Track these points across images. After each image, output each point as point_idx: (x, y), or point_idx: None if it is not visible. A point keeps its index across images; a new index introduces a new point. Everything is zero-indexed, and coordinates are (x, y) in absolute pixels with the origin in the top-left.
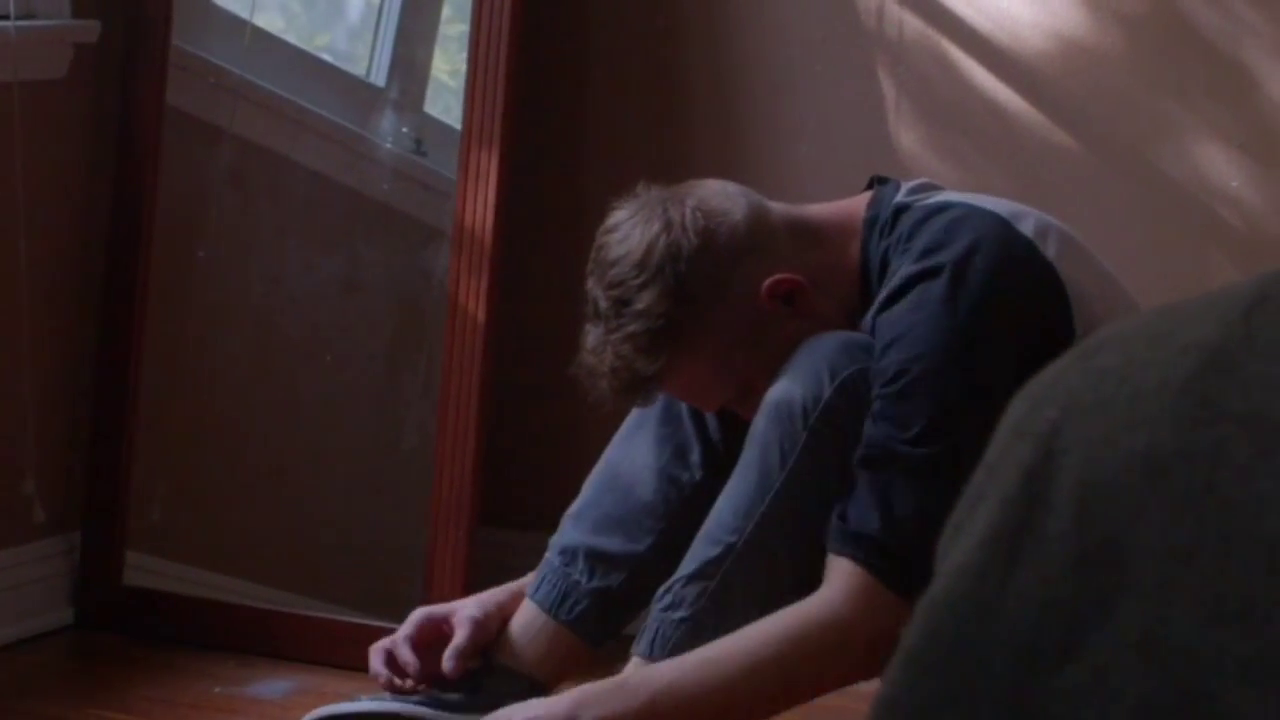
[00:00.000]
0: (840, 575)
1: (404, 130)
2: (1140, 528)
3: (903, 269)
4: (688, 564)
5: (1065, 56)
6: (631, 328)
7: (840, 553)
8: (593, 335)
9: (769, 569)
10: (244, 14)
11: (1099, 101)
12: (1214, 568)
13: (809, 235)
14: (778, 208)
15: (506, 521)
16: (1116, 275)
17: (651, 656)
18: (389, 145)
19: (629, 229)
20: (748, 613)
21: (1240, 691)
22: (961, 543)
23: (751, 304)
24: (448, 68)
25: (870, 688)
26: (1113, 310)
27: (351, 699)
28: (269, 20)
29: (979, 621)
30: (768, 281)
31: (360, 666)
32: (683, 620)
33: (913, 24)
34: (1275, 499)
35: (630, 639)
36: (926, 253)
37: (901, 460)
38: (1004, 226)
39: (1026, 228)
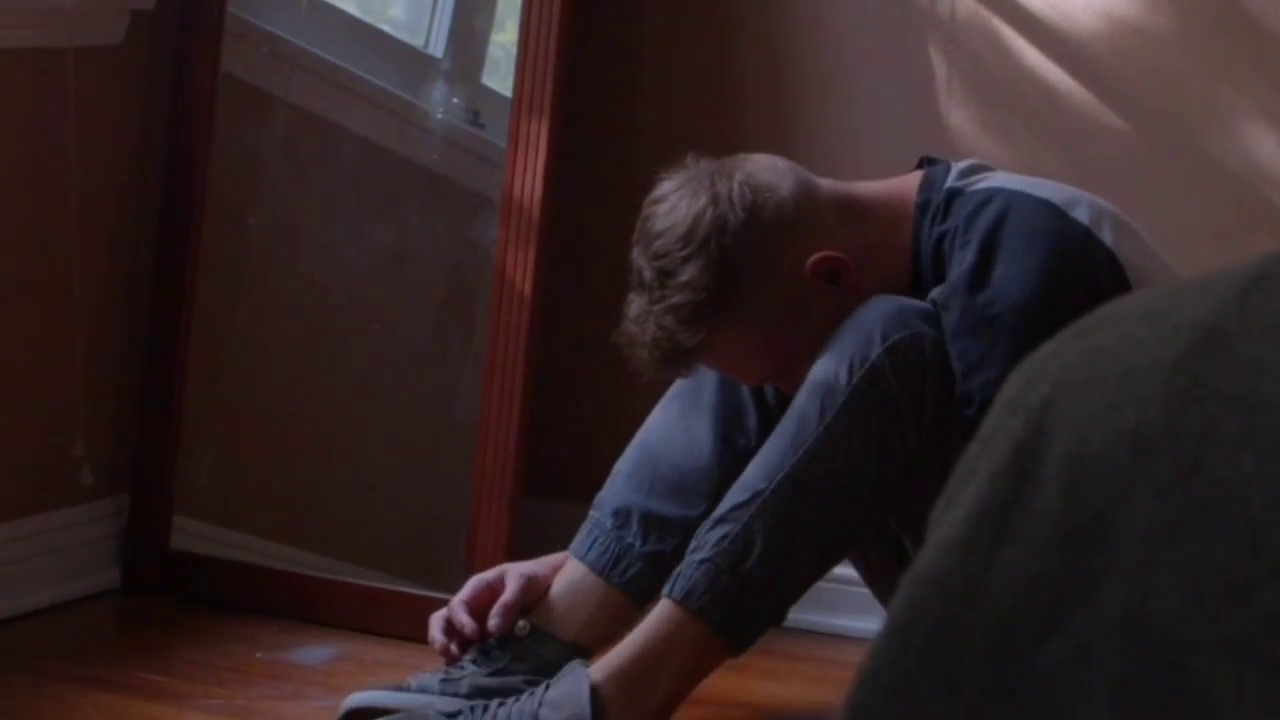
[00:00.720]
0: None
1: (455, 101)
2: (1127, 505)
3: (959, 268)
4: (718, 510)
5: (1116, 37)
6: (675, 299)
7: None
8: (635, 304)
9: (793, 520)
10: None
11: (1150, 83)
12: (1197, 547)
13: (858, 214)
14: (826, 184)
15: (550, 493)
16: (1166, 258)
17: (671, 596)
18: (441, 115)
19: (676, 200)
20: (765, 561)
21: (1219, 670)
22: (951, 516)
23: (796, 280)
24: (509, 40)
25: None
26: (1154, 279)
27: (398, 685)
28: None
29: (964, 596)
30: (813, 258)
31: (403, 635)
32: (702, 562)
33: (965, 3)
34: (1260, 479)
35: None
36: (983, 251)
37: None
38: (1059, 216)
39: (1081, 214)
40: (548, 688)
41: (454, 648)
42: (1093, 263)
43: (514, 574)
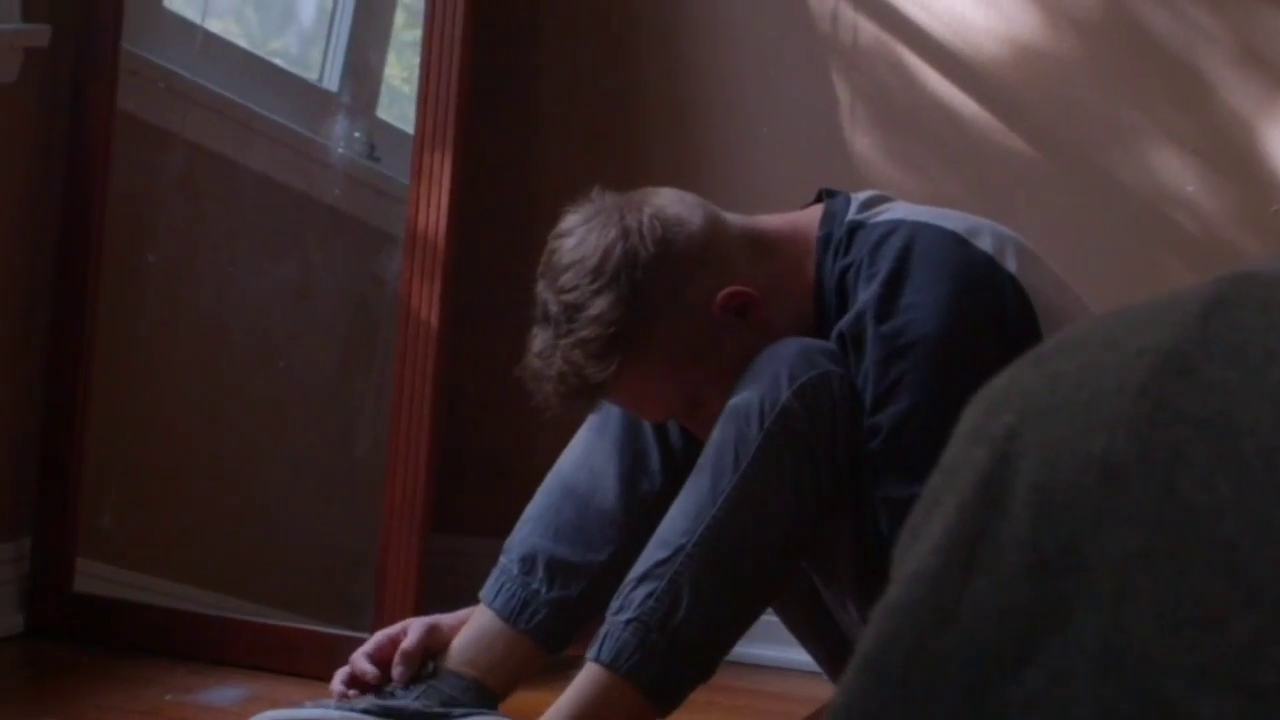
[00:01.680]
0: None
1: (356, 135)
2: (1098, 533)
3: (865, 299)
4: (638, 567)
5: (1020, 62)
6: (583, 334)
7: None
8: (540, 339)
9: (718, 572)
10: (196, 18)
11: (1054, 107)
12: (1172, 573)
13: (764, 248)
14: (733, 219)
15: (459, 528)
16: (1070, 283)
17: (599, 660)
18: (341, 150)
19: (584, 234)
20: (693, 616)
21: (1199, 698)
22: (918, 548)
23: (705, 315)
24: (402, 73)
25: None
26: (1074, 317)
27: (296, 705)
28: (222, 25)
29: (935, 628)
30: (722, 293)
31: (313, 674)
32: (629, 622)
33: (867, 29)
34: (1233, 504)
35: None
36: (888, 284)
37: None
38: (963, 246)
39: (984, 243)
40: None
41: (351, 693)
42: (998, 290)
43: (416, 624)
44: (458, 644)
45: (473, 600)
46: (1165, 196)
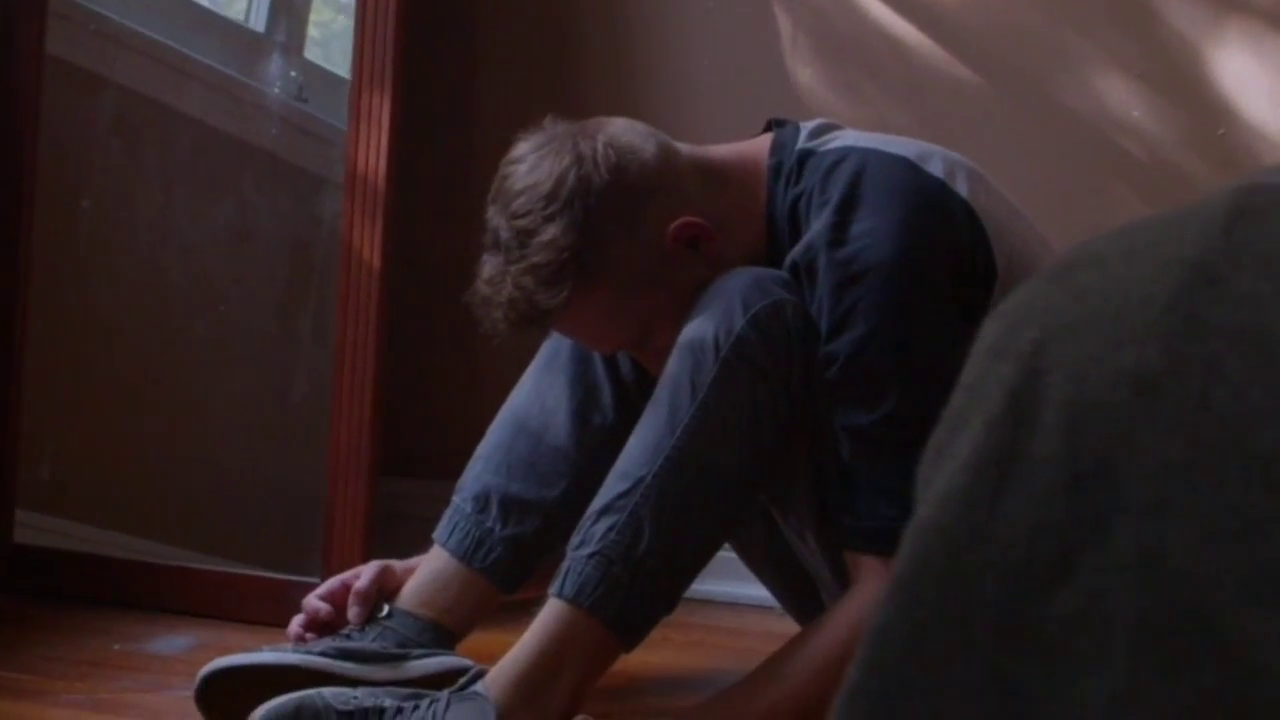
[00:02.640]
0: (874, 572)
1: (292, 75)
2: (1132, 447)
3: (817, 228)
4: (598, 501)
5: None
6: (535, 259)
7: (867, 550)
8: (490, 265)
9: (679, 503)
10: None
11: (998, 34)
12: (1210, 485)
13: (715, 179)
14: (684, 148)
15: (407, 471)
16: (1020, 208)
17: (562, 595)
18: (277, 91)
19: (537, 160)
20: (656, 547)
21: (1241, 610)
22: (946, 467)
23: (657, 245)
24: (327, 15)
25: None
26: (1026, 241)
27: (253, 651)
28: None
29: (969, 547)
30: (675, 224)
31: (262, 620)
32: (591, 555)
33: None
34: (1270, 414)
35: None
36: (840, 210)
37: (885, 440)
38: (914, 171)
39: (935, 168)
40: (448, 705)
41: (309, 636)
42: (950, 214)
43: (369, 567)
44: (412, 585)
45: (423, 544)
46: (1111, 121)
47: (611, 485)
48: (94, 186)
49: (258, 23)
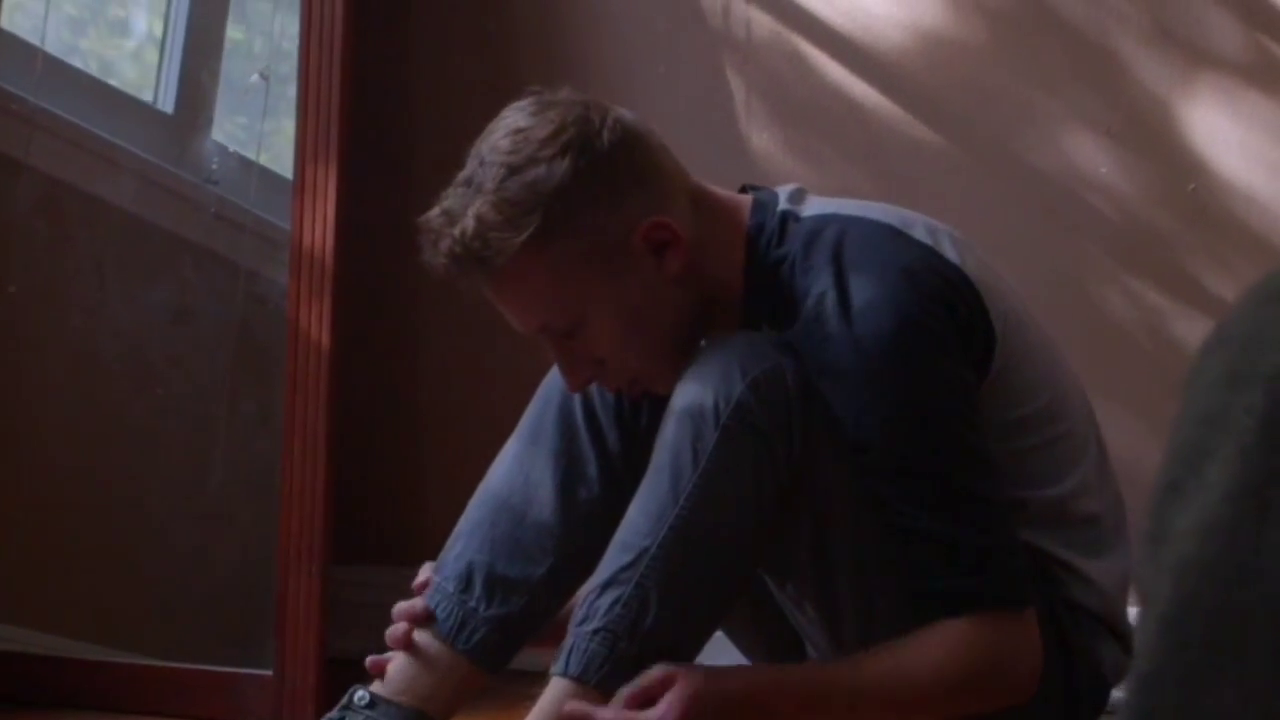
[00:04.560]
0: (950, 630)
1: (213, 164)
2: None
3: (813, 300)
4: (600, 574)
5: (924, 50)
6: (510, 194)
7: (944, 616)
8: (454, 196)
9: (685, 574)
10: (35, 40)
11: (961, 94)
12: None
13: (704, 210)
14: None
15: (358, 557)
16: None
17: (567, 674)
18: (190, 177)
19: (540, 108)
20: (662, 620)
21: None
22: (1197, 500)
23: (625, 235)
24: (237, 94)
25: None
26: (1015, 304)
27: None
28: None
29: (1239, 581)
30: (650, 220)
31: (214, 715)
32: (596, 631)
33: (761, 20)
34: None
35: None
36: (836, 283)
37: (934, 506)
38: (900, 237)
39: (920, 235)
40: None
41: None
42: (943, 279)
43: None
44: (392, 670)
45: (379, 631)
46: (1080, 179)
47: (614, 558)
48: (18, 271)
49: (166, 103)
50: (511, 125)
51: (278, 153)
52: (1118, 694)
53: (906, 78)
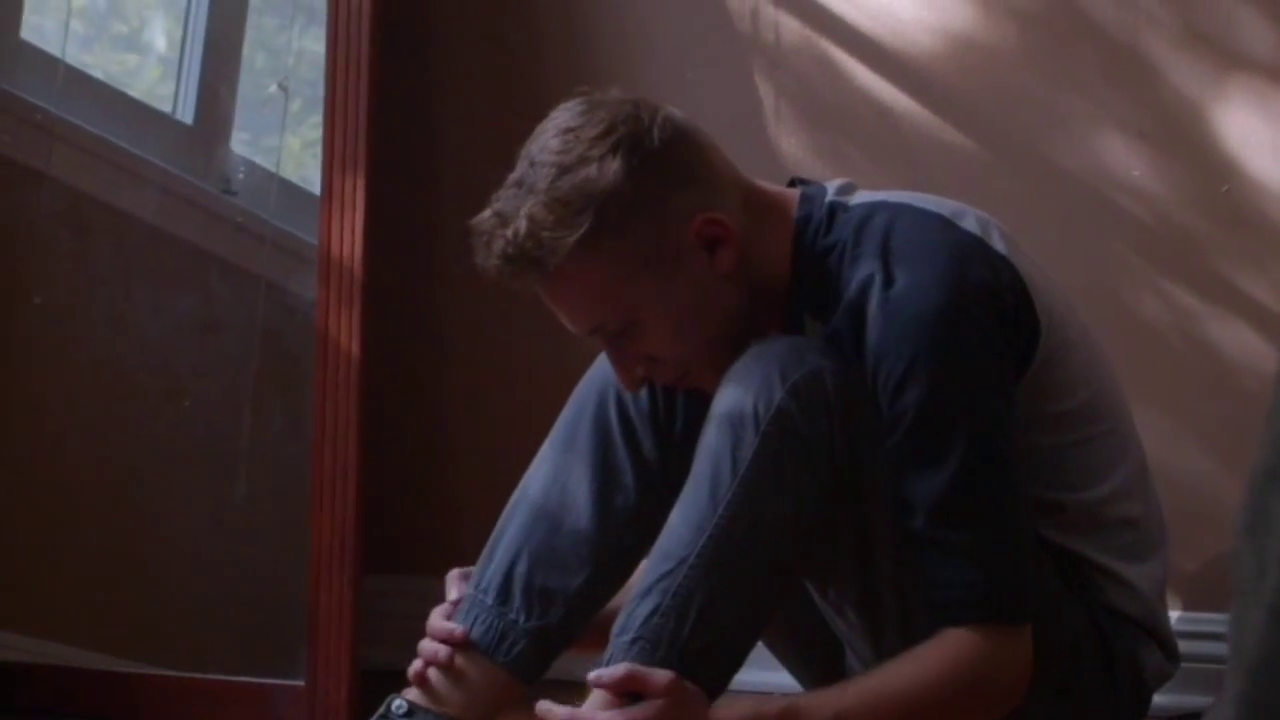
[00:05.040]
0: (962, 639)
1: (239, 174)
2: None
3: (858, 284)
4: (640, 583)
5: (953, 53)
6: (561, 193)
7: (960, 623)
8: (507, 197)
9: (725, 583)
10: (56, 52)
11: (992, 97)
12: None
13: (752, 205)
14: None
15: (388, 568)
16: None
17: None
18: (212, 189)
19: (589, 108)
20: (702, 629)
21: None
22: None
23: (678, 232)
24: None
25: None
26: (1060, 300)
27: None
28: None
29: None
30: (702, 217)
31: None
32: (634, 640)
33: (790, 25)
34: None
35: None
36: (883, 266)
37: (957, 503)
38: (949, 226)
39: (969, 225)
40: None
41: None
42: (992, 269)
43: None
44: (430, 679)
45: (411, 644)
46: (1111, 182)
47: (653, 566)
48: (43, 282)
49: (185, 115)
50: (562, 125)
51: (296, 164)
52: (1159, 699)
53: (936, 81)
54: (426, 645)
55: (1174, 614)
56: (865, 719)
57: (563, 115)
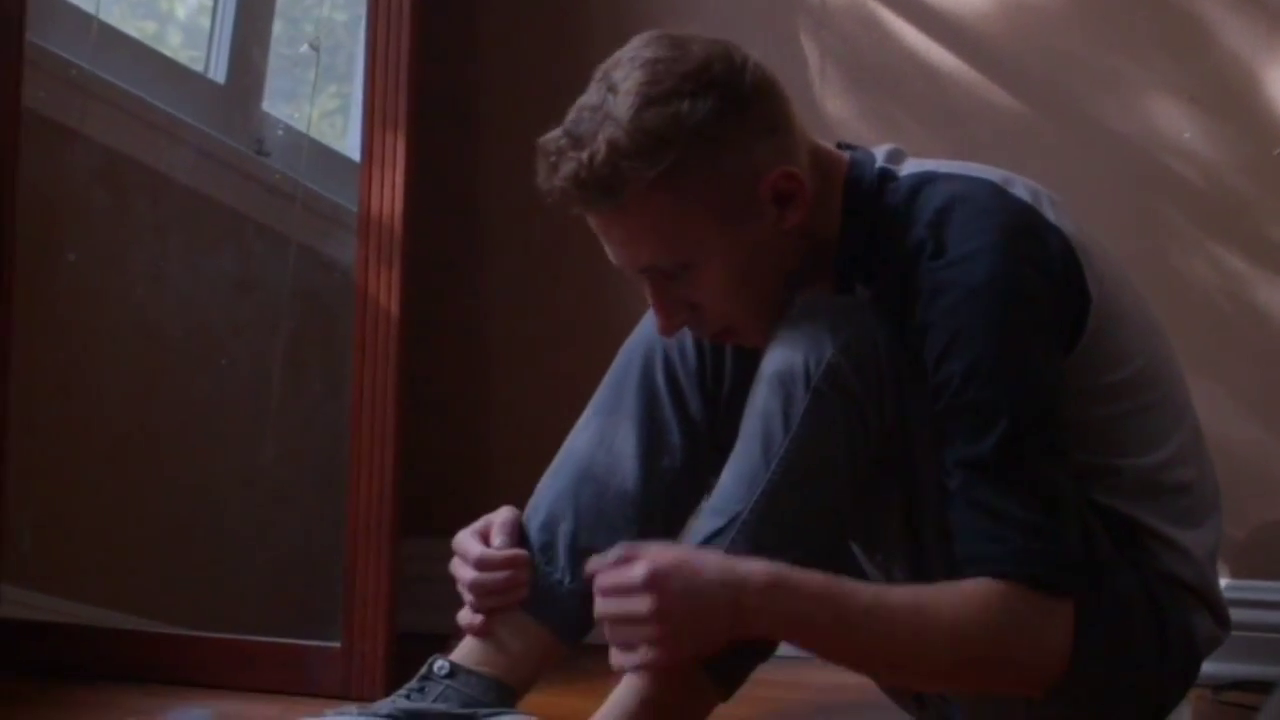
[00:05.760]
0: (987, 590)
1: (280, 132)
2: None
3: (911, 248)
4: (691, 539)
5: (1004, 14)
6: (649, 124)
7: (985, 574)
8: (580, 121)
9: (777, 539)
10: (90, 8)
11: (1041, 59)
12: None
13: (817, 162)
14: None
15: (423, 529)
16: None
17: None
18: (245, 148)
19: (679, 42)
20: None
21: None
22: None
23: (754, 182)
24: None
25: None
26: (1112, 268)
27: (317, 716)
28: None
29: None
30: (778, 171)
31: (280, 689)
32: None
33: None
34: None
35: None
36: (934, 233)
37: (999, 468)
38: (1001, 194)
39: (1020, 193)
40: None
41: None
42: (1043, 238)
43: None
44: (471, 640)
45: (448, 608)
46: (1162, 145)
47: (705, 523)
48: (78, 239)
49: (218, 73)
50: (650, 55)
51: (331, 122)
52: (1210, 666)
53: (985, 43)
54: (485, 579)
55: (1222, 581)
56: (884, 628)
57: (649, 47)
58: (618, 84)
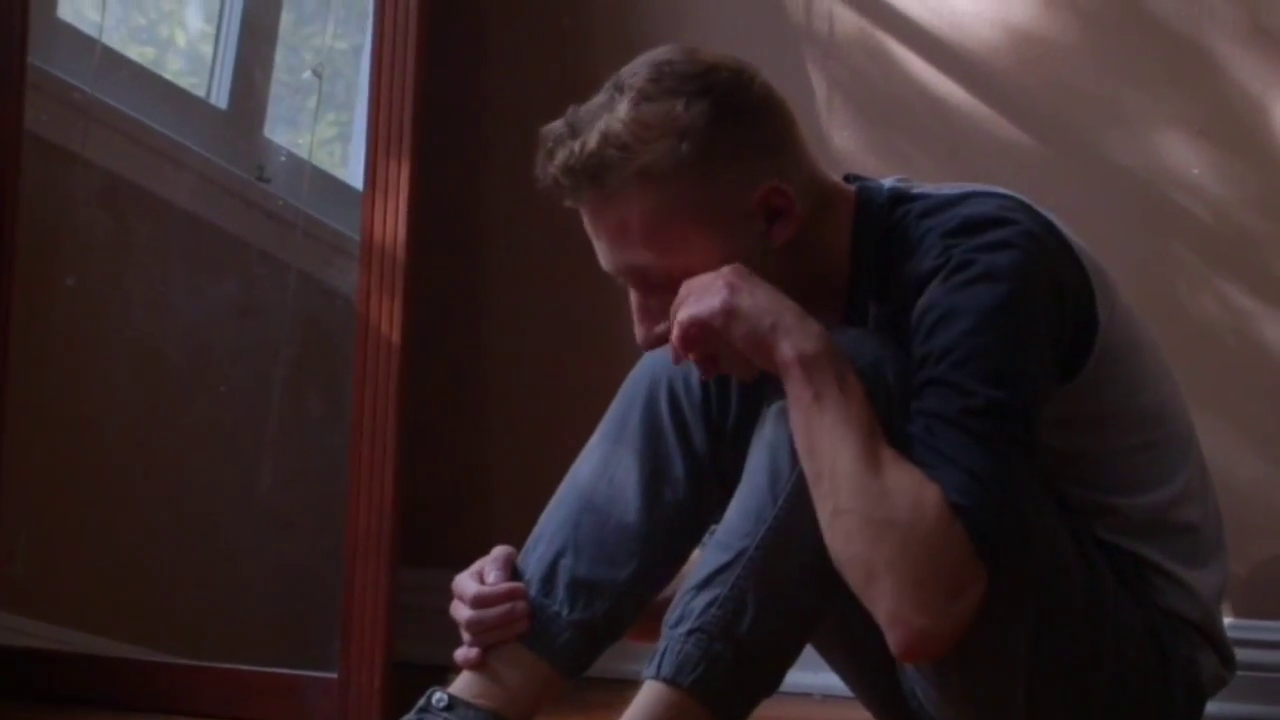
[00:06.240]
0: (938, 496)
1: (283, 157)
2: None
3: (922, 271)
4: (696, 574)
5: (1012, 47)
6: (648, 117)
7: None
8: (585, 112)
9: (784, 574)
10: (93, 32)
11: (1050, 92)
12: None
13: (818, 191)
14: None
15: (422, 560)
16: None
17: (659, 676)
18: (246, 174)
19: (693, 50)
20: (760, 622)
21: None
22: None
23: (744, 194)
24: (290, 94)
25: None
26: (1117, 293)
27: None
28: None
29: None
30: (769, 184)
31: (272, 719)
32: (690, 632)
33: (844, 16)
34: None
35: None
36: (947, 251)
37: (968, 422)
38: (1012, 212)
39: (1028, 214)
40: None
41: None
42: (1053, 256)
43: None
44: (470, 673)
45: (445, 639)
46: (1171, 180)
47: (711, 557)
48: (78, 263)
49: (220, 99)
50: (658, 58)
51: (329, 150)
52: (1213, 706)
53: (994, 75)
54: (482, 615)
55: (1225, 620)
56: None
57: (663, 52)
58: (624, 83)
